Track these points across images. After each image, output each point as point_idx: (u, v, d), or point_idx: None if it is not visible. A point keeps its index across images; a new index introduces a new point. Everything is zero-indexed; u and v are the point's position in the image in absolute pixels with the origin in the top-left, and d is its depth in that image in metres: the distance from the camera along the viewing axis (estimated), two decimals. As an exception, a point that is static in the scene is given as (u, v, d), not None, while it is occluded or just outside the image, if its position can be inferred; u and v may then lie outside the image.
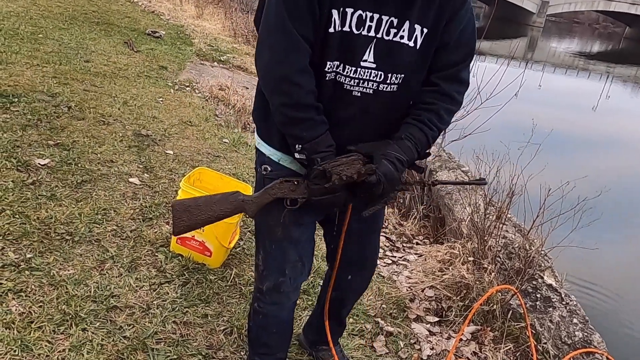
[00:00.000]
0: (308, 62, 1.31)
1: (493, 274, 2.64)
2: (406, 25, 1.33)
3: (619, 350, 2.60)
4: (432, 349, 2.32)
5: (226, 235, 2.39)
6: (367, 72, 1.35)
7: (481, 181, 1.71)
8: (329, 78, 1.36)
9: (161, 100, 4.53)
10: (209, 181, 2.55)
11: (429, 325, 2.49)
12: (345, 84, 1.36)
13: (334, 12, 1.28)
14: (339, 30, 1.30)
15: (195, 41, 7.52)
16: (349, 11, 1.29)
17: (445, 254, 2.97)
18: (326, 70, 1.34)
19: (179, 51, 6.62)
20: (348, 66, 1.34)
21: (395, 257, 3.14)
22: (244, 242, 2.70)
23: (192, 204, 1.51)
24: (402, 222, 3.72)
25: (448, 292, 2.67)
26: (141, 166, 3.18)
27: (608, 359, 2.25)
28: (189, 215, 1.50)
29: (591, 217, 2.76)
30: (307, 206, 1.47)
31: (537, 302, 2.57)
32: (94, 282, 2.11)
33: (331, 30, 1.30)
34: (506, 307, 2.53)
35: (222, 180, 2.55)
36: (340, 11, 1.28)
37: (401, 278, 2.85)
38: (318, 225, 1.70)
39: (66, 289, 2.02)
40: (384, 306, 2.54)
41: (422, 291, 2.74)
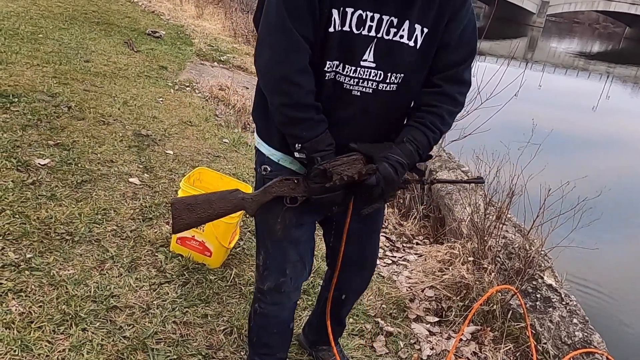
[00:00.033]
0: (308, 62, 1.31)
1: (493, 274, 2.64)
2: (406, 25, 1.33)
3: (619, 351, 2.60)
4: (432, 349, 2.32)
5: (226, 235, 2.39)
6: (367, 71, 1.35)
7: (479, 180, 1.71)
8: (328, 77, 1.36)
9: (161, 100, 4.54)
10: (209, 181, 2.55)
11: (429, 326, 2.49)
12: (345, 84, 1.36)
13: (334, 12, 1.28)
14: (339, 30, 1.30)
15: (196, 41, 7.52)
16: (349, 11, 1.29)
17: (445, 254, 2.97)
18: (326, 69, 1.34)
19: (179, 51, 6.62)
20: (348, 66, 1.34)
21: (395, 257, 3.14)
22: (244, 242, 2.70)
23: (192, 201, 1.51)
24: (402, 222, 3.72)
25: (448, 292, 2.67)
26: (141, 166, 3.18)
27: (608, 359, 2.25)
28: (188, 213, 1.49)
29: (591, 217, 2.76)
30: (306, 205, 1.47)
31: (537, 302, 2.57)
32: (94, 282, 2.11)
33: (331, 30, 1.29)
34: (506, 307, 2.53)
35: (222, 180, 2.55)
36: (340, 11, 1.28)
37: (401, 278, 2.85)
38: (318, 225, 1.70)
39: (66, 289, 2.02)
40: (384, 306, 2.54)
41: (422, 291, 2.74)
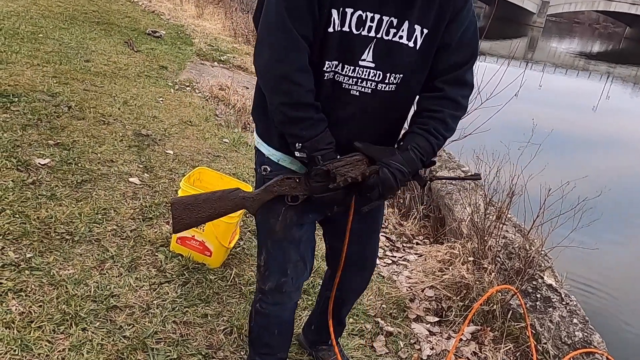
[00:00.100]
0: (307, 61, 1.31)
1: (493, 274, 2.64)
2: (405, 26, 1.32)
3: (619, 351, 2.61)
4: (432, 349, 2.32)
5: (226, 235, 2.39)
6: (366, 71, 1.35)
7: (476, 176, 1.72)
8: (327, 77, 1.36)
9: (161, 100, 4.53)
10: (209, 181, 2.55)
11: (429, 325, 2.49)
12: (344, 83, 1.36)
13: (333, 12, 1.28)
14: (338, 30, 1.30)
15: (196, 41, 7.51)
16: (348, 11, 1.28)
17: (445, 254, 2.97)
18: (325, 69, 1.34)
19: (179, 51, 6.62)
20: (347, 66, 1.34)
21: (395, 257, 3.14)
22: (244, 242, 2.70)
23: (192, 201, 1.50)
24: (402, 222, 3.72)
25: (448, 292, 2.67)
26: (141, 166, 3.18)
27: (608, 359, 2.25)
28: (188, 213, 1.49)
29: (591, 217, 2.76)
30: (307, 204, 1.47)
31: (537, 302, 2.57)
32: (94, 281, 2.11)
33: (330, 30, 1.29)
34: (506, 307, 2.53)
35: (222, 180, 2.55)
36: (339, 11, 1.28)
37: (401, 278, 2.85)
38: (318, 225, 1.70)
39: (66, 288, 2.02)
40: (384, 306, 2.54)
41: (422, 291, 2.74)
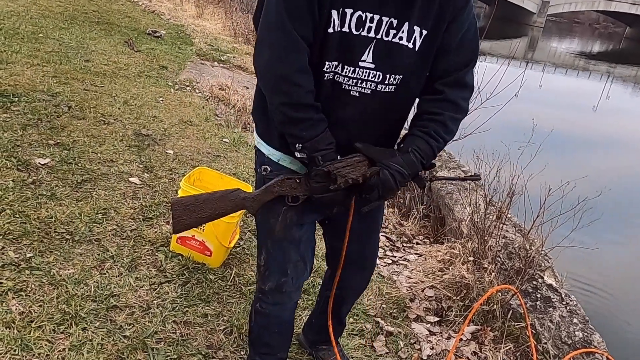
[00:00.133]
0: (307, 62, 1.31)
1: (493, 273, 2.64)
2: (405, 27, 1.32)
3: (619, 351, 2.60)
4: (432, 348, 2.32)
5: (226, 234, 2.39)
6: (366, 72, 1.35)
7: (476, 176, 1.72)
8: (327, 78, 1.36)
9: (161, 100, 4.53)
10: (209, 181, 2.55)
11: (429, 325, 2.49)
12: (344, 84, 1.36)
13: (333, 13, 1.28)
14: (338, 30, 1.30)
15: (196, 41, 7.51)
16: (348, 12, 1.28)
17: (446, 253, 2.97)
18: (325, 70, 1.34)
19: (179, 51, 6.62)
20: (347, 66, 1.34)
21: (395, 256, 3.14)
22: (244, 242, 2.70)
23: (192, 202, 1.50)
24: (402, 221, 3.72)
25: (448, 292, 2.67)
26: (141, 166, 3.18)
27: (608, 359, 2.25)
28: (189, 213, 1.49)
29: (591, 217, 2.75)
30: (307, 204, 1.47)
31: (537, 302, 2.57)
32: (94, 281, 2.11)
33: (330, 31, 1.29)
34: (506, 307, 2.53)
35: (222, 180, 2.55)
36: (339, 12, 1.28)
37: (401, 278, 2.85)
38: (318, 225, 1.70)
39: (66, 288, 2.02)
40: (384, 306, 2.54)
41: (422, 291, 2.74)
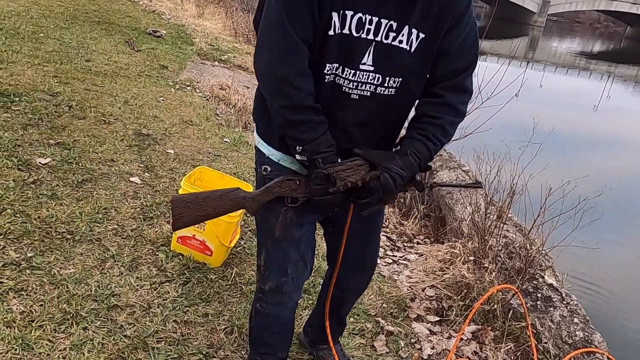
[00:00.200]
0: (307, 65, 1.31)
1: (494, 273, 2.64)
2: (405, 30, 1.32)
3: (619, 350, 2.60)
4: (432, 348, 2.32)
5: (227, 234, 2.39)
6: (366, 75, 1.35)
7: (477, 184, 1.71)
8: (327, 80, 1.36)
9: (162, 100, 4.54)
10: (209, 180, 2.55)
11: (429, 325, 2.49)
12: (344, 87, 1.36)
13: (334, 15, 1.28)
14: (338, 32, 1.30)
15: (196, 40, 7.52)
16: (348, 14, 1.28)
17: (446, 253, 2.97)
18: (325, 72, 1.34)
19: (179, 50, 6.62)
20: (347, 68, 1.34)
21: (395, 256, 3.14)
22: (244, 242, 2.70)
23: (192, 199, 1.51)
24: (402, 221, 3.72)
25: (449, 292, 2.67)
26: (142, 165, 3.19)
27: (609, 358, 2.25)
28: (189, 210, 1.49)
29: (592, 216, 2.75)
30: (307, 205, 1.47)
31: (538, 302, 2.57)
32: (94, 281, 2.11)
33: (331, 33, 1.29)
34: (507, 306, 2.53)
35: (222, 180, 2.55)
36: (340, 14, 1.28)
37: (402, 277, 2.85)
38: (318, 225, 1.70)
39: (67, 287, 2.02)
40: (384, 305, 2.54)
41: (423, 290, 2.74)
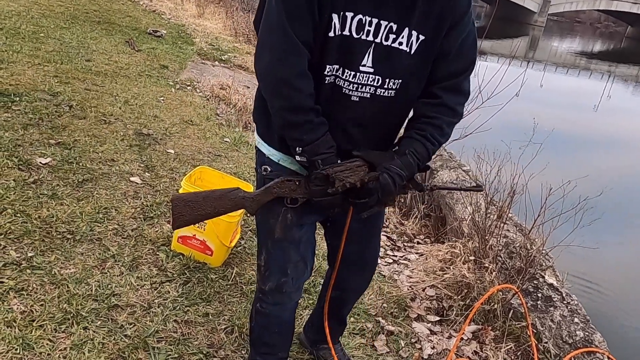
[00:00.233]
0: (307, 66, 1.31)
1: (494, 273, 2.64)
2: (405, 32, 1.33)
3: (620, 350, 2.59)
4: (433, 348, 2.32)
5: (227, 234, 2.39)
6: (366, 76, 1.35)
7: (478, 188, 1.72)
8: (328, 81, 1.36)
9: (162, 100, 4.54)
10: (210, 180, 2.55)
11: (429, 325, 2.49)
12: (344, 88, 1.36)
13: (334, 17, 1.28)
14: (339, 34, 1.30)
15: (197, 40, 7.52)
16: (349, 15, 1.28)
17: (446, 253, 2.97)
18: (325, 73, 1.34)
19: (180, 50, 6.62)
20: (347, 70, 1.34)
21: (396, 256, 3.14)
22: (245, 241, 2.70)
23: (192, 198, 1.52)
24: (403, 221, 3.72)
25: (449, 292, 2.67)
26: (142, 165, 3.19)
27: (609, 358, 2.25)
28: (189, 210, 1.50)
29: (592, 216, 2.75)
30: (307, 206, 1.47)
31: (538, 302, 2.57)
32: (95, 280, 2.11)
33: (331, 35, 1.29)
34: (507, 306, 2.53)
35: (223, 180, 2.55)
36: (340, 15, 1.28)
37: (402, 277, 2.85)
38: (319, 225, 1.70)
39: (67, 287, 2.02)
40: (384, 305, 2.54)
41: (423, 290, 2.74)
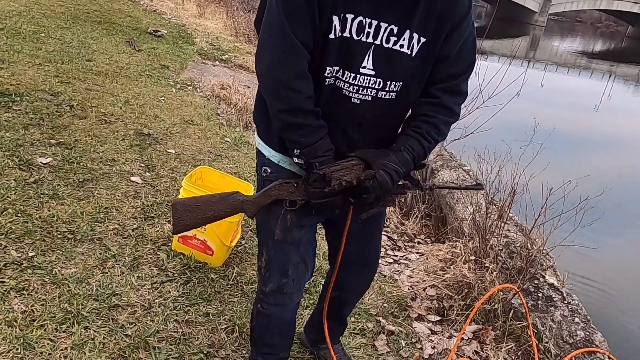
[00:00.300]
0: (307, 68, 1.31)
1: (495, 273, 2.64)
2: (406, 34, 1.33)
3: (620, 350, 2.59)
4: (433, 348, 2.32)
5: (228, 234, 2.39)
6: (366, 79, 1.35)
7: (478, 186, 1.71)
8: (328, 83, 1.36)
9: (163, 99, 4.54)
10: (210, 180, 2.55)
11: (430, 324, 2.49)
12: (344, 90, 1.36)
13: (334, 19, 1.28)
14: (339, 36, 1.30)
15: (197, 40, 7.52)
16: (349, 17, 1.28)
17: (447, 253, 2.97)
18: (326, 75, 1.34)
19: (180, 50, 6.62)
20: (347, 72, 1.34)
21: (396, 256, 3.15)
22: (245, 241, 2.70)
23: (192, 203, 1.53)
24: (403, 221, 3.72)
25: (449, 291, 2.67)
26: (143, 165, 3.19)
27: (610, 358, 2.25)
28: (189, 214, 1.51)
29: (593, 216, 2.75)
30: (306, 208, 1.47)
31: (539, 301, 2.57)
32: (96, 280, 2.11)
33: (331, 37, 1.29)
34: (508, 306, 2.53)
35: (223, 179, 2.55)
36: (340, 17, 1.28)
37: (403, 277, 2.85)
38: (319, 226, 1.70)
39: (68, 287, 2.03)
40: (385, 305, 2.54)
41: (424, 290, 2.74)
